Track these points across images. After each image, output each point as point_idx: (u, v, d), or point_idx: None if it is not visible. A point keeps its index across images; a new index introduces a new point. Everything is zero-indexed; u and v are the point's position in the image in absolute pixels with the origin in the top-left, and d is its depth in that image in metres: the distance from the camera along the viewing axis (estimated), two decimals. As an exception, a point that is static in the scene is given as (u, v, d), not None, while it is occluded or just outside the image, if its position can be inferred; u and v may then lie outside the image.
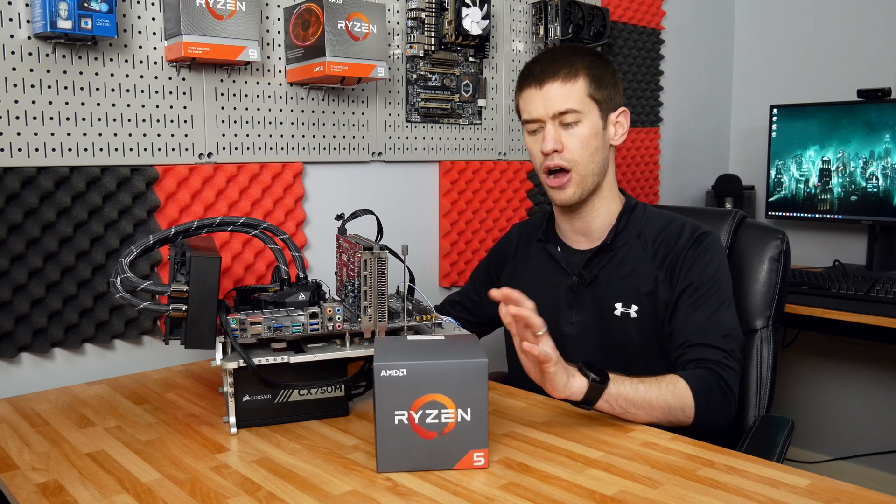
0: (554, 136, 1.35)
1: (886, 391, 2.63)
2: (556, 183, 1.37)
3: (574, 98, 1.34)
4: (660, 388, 1.17)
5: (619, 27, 2.41)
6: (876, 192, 2.36)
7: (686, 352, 1.28)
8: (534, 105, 1.37)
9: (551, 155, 1.36)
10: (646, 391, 1.15)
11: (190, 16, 1.37)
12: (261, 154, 1.61)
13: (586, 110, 1.35)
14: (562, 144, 1.35)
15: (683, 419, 1.19)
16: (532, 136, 1.40)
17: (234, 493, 0.93)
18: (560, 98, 1.34)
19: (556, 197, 1.39)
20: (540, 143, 1.37)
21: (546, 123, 1.36)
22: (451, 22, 1.87)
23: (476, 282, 1.65)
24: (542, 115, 1.36)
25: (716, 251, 1.36)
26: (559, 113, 1.34)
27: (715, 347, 1.27)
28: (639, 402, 1.14)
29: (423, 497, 0.91)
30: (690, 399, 1.19)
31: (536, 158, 1.40)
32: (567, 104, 1.34)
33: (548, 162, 1.37)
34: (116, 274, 1.10)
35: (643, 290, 1.37)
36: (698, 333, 1.29)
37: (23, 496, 0.92)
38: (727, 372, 1.25)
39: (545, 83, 1.35)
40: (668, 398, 1.17)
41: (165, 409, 1.25)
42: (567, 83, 1.34)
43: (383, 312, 1.15)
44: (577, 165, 1.36)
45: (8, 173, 1.30)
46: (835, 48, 2.71)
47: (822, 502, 0.89)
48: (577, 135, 1.35)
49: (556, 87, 1.34)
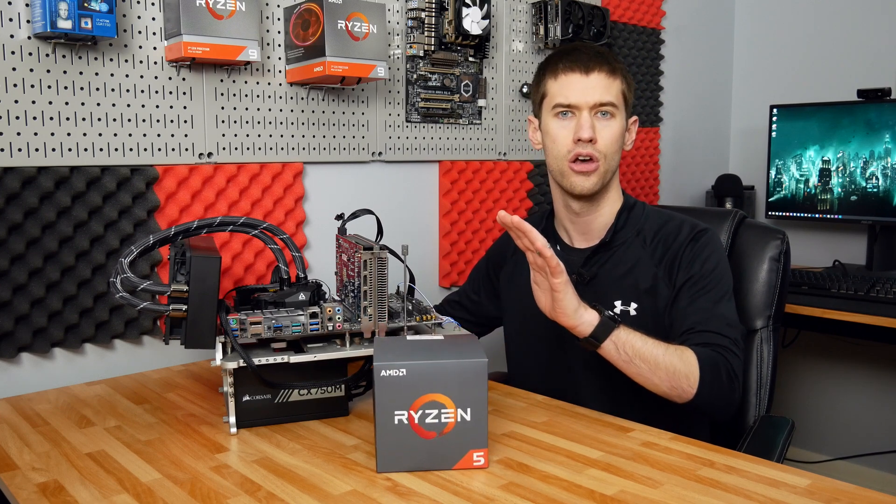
0: (592, 124, 1.35)
1: (886, 391, 2.63)
2: (583, 168, 1.36)
3: (614, 92, 1.36)
4: (667, 349, 1.18)
5: (619, 27, 2.41)
6: (876, 192, 2.36)
7: (690, 337, 1.28)
8: (574, 90, 1.36)
9: (585, 143, 1.35)
10: (654, 347, 1.16)
11: (190, 16, 1.37)
12: (261, 154, 1.61)
13: (620, 108, 1.38)
14: (597, 135, 1.35)
15: (687, 388, 1.19)
16: (560, 119, 1.38)
17: (234, 493, 0.93)
18: (603, 89, 1.35)
19: (579, 184, 1.37)
20: (570, 129, 1.36)
21: (583, 111, 1.35)
22: (451, 22, 1.87)
23: (475, 282, 1.65)
24: (581, 101, 1.35)
25: (714, 247, 1.37)
26: (600, 104, 1.35)
27: (720, 334, 1.27)
28: (645, 355, 1.15)
29: (423, 497, 0.91)
30: (697, 370, 1.19)
31: (563, 144, 1.37)
32: (608, 96, 1.35)
33: (580, 149, 1.35)
34: (116, 274, 1.10)
35: (642, 287, 1.37)
36: (702, 321, 1.29)
37: (23, 496, 0.92)
38: (734, 358, 1.25)
39: (592, 71, 1.35)
40: (675, 361, 1.17)
41: (165, 409, 1.25)
42: (611, 77, 1.36)
43: (383, 312, 1.15)
44: (605, 159, 1.36)
45: (8, 173, 1.30)
46: (835, 48, 2.71)
47: (822, 502, 0.89)
48: (611, 128, 1.36)
49: (602, 77, 1.35)
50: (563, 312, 1.12)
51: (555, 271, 1.11)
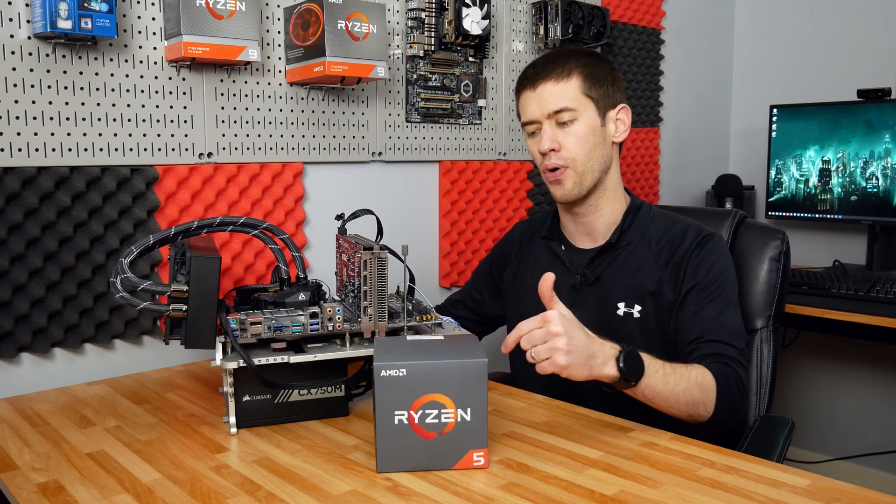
0: (550, 136, 1.36)
1: (886, 391, 2.63)
2: (553, 177, 1.38)
3: (568, 96, 1.36)
4: (689, 382, 1.16)
5: (619, 27, 2.41)
6: (876, 192, 2.36)
7: (699, 347, 1.28)
8: (529, 107, 1.39)
9: (549, 154, 1.37)
10: (675, 384, 1.14)
11: (190, 16, 1.37)
12: (261, 154, 1.61)
13: (581, 108, 1.36)
14: (559, 143, 1.36)
15: (703, 414, 1.19)
16: (532, 137, 1.42)
17: (234, 493, 0.93)
18: (554, 97, 1.36)
19: (555, 192, 1.40)
20: (538, 144, 1.38)
21: (542, 124, 1.37)
22: (451, 22, 1.87)
23: (478, 281, 1.65)
24: (537, 115, 1.37)
25: (721, 253, 1.37)
26: (554, 112, 1.36)
27: (728, 344, 1.27)
28: (666, 394, 1.14)
29: (423, 497, 0.91)
30: (713, 394, 1.18)
31: (537, 159, 1.41)
32: (561, 103, 1.35)
33: (546, 162, 1.38)
34: (116, 274, 1.10)
35: (647, 290, 1.37)
36: (709, 330, 1.29)
37: (23, 496, 0.92)
38: (742, 370, 1.25)
39: (538, 84, 1.37)
40: (696, 392, 1.16)
41: (165, 409, 1.25)
42: (560, 82, 1.36)
43: (383, 312, 1.15)
44: (574, 163, 1.37)
45: (8, 173, 1.30)
46: (835, 48, 2.71)
47: (822, 502, 0.89)
48: (574, 133, 1.36)
49: (549, 87, 1.36)
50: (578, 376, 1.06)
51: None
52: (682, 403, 1.15)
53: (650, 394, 1.13)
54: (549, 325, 1.05)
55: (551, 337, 1.04)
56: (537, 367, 1.05)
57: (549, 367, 1.04)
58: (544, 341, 1.04)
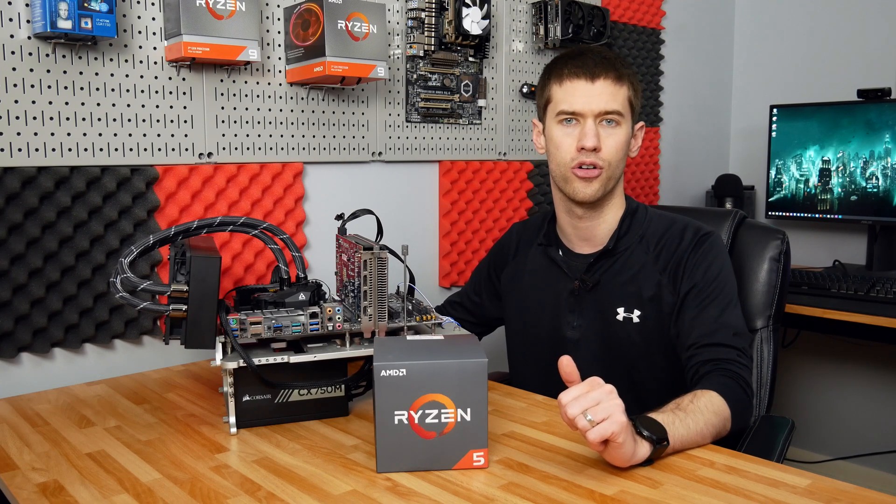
0: (596, 133, 1.33)
1: (886, 391, 2.63)
2: (585, 175, 1.34)
3: (620, 100, 1.34)
4: (705, 414, 1.11)
5: (619, 27, 2.41)
6: (876, 192, 2.36)
7: (699, 352, 1.27)
8: (578, 97, 1.33)
9: (589, 152, 1.33)
10: (695, 424, 1.08)
11: (190, 16, 1.37)
12: (261, 154, 1.61)
13: (626, 115, 1.35)
14: (601, 144, 1.33)
15: (725, 434, 1.16)
16: (564, 126, 1.36)
17: (234, 493, 0.93)
18: (609, 97, 1.33)
19: (581, 190, 1.35)
20: (574, 136, 1.34)
21: (587, 119, 1.33)
22: (451, 22, 1.87)
23: (476, 283, 1.65)
24: (586, 109, 1.33)
25: (718, 252, 1.36)
26: (605, 112, 1.33)
27: (728, 346, 1.26)
28: (693, 438, 1.07)
29: (423, 497, 0.91)
30: (728, 412, 1.15)
31: (567, 152, 1.35)
32: (614, 104, 1.33)
33: (584, 157, 1.33)
34: (116, 274, 1.10)
35: (646, 294, 1.36)
36: (709, 333, 1.28)
37: (23, 496, 0.92)
38: (745, 371, 1.24)
39: (598, 78, 1.33)
40: (714, 420, 1.12)
41: (165, 409, 1.25)
42: (617, 84, 1.34)
43: (383, 312, 1.15)
44: (609, 167, 1.34)
45: (8, 173, 1.30)
46: (835, 48, 2.71)
47: (822, 502, 0.89)
48: (615, 137, 1.34)
49: (608, 84, 1.33)
50: (621, 459, 0.98)
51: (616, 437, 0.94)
52: (709, 437, 1.11)
53: (680, 445, 1.05)
54: (601, 386, 0.96)
55: (606, 395, 0.95)
56: (591, 433, 0.93)
57: (610, 427, 0.92)
58: (597, 402, 0.94)
